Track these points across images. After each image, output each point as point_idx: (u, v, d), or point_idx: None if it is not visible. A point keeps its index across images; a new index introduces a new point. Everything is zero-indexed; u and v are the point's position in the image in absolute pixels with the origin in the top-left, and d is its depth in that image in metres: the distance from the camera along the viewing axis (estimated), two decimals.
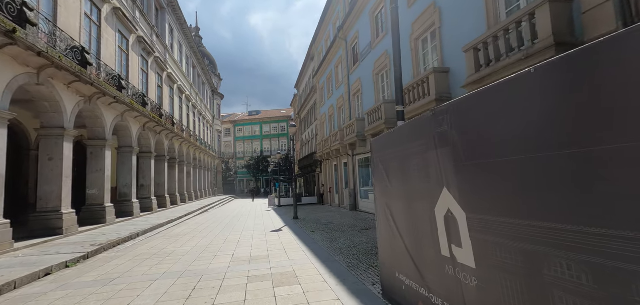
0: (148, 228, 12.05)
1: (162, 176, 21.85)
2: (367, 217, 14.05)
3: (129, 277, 5.81)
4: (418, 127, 2.92)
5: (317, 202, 27.13)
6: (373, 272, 5.40)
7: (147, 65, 19.14)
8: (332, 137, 20.36)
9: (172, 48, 25.23)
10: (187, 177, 29.88)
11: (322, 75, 24.91)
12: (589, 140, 1.42)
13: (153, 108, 18.87)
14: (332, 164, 22.99)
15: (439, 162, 2.50)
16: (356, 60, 17.28)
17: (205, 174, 38.61)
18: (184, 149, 27.65)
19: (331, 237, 9.33)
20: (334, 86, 21.69)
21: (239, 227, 12.57)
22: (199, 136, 35.08)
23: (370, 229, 10.30)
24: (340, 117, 20.69)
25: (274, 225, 12.95)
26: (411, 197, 3.12)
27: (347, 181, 19.46)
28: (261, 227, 12.30)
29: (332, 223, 12.55)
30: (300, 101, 37.86)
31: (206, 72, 40.29)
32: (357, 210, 17.22)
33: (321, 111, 25.95)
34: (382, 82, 13.99)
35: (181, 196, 26.64)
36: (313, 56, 28.92)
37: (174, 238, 10.38)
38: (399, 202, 3.43)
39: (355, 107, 17.40)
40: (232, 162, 63.01)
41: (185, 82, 28.99)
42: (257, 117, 67.15)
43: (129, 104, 14.61)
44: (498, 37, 6.39)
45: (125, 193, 16.01)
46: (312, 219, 14.37)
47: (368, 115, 13.71)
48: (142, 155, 19.10)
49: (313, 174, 30.27)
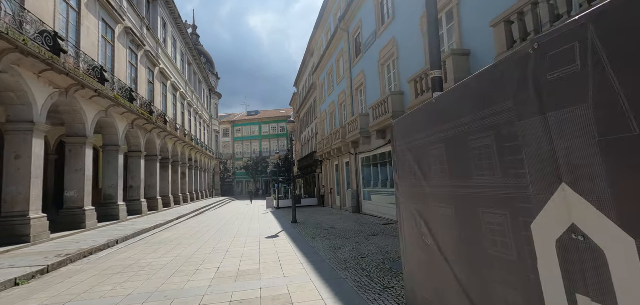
0: (131, 234, 10.88)
1: (153, 177, 20.68)
2: (371, 221, 12.88)
3: (82, 301, 4.64)
4: (495, 82, 1.73)
5: (317, 204, 25.95)
6: (390, 296, 4.23)
7: (136, 59, 17.98)
8: (333, 135, 19.21)
9: (165, 43, 24.09)
10: (181, 178, 28.71)
11: (322, 70, 23.76)
12: None
13: (143, 104, 17.72)
14: (333, 164, 21.83)
15: (552, 136, 1.34)
16: (359, 52, 16.14)
17: (201, 175, 37.43)
18: (178, 149, 26.49)
19: (334, 245, 8.17)
20: (335, 81, 20.54)
21: (231, 232, 11.40)
22: (195, 136, 33.92)
23: (377, 236, 9.14)
24: (342, 114, 19.53)
25: (270, 230, 11.78)
26: (470, 201, 1.96)
27: (349, 182, 18.31)
28: (256, 232, 11.13)
29: (334, 228, 11.39)
30: (300, 99, 36.71)
31: (203, 70, 39.15)
32: (361, 213, 16.06)
33: (321, 109, 24.79)
34: (388, 74, 12.85)
35: (175, 198, 25.47)
36: (313, 52, 27.78)
37: (156, 246, 9.21)
38: (443, 208, 2.28)
39: (358, 103, 16.26)
40: (231, 163, 61.82)
41: (179, 79, 27.83)
42: (256, 117, 66.00)
43: (114, 98, 13.45)
44: (538, 1, 5.23)
45: (111, 195, 14.84)
46: (312, 223, 13.20)
47: (373, 110, 12.56)
48: (131, 154, 17.94)
49: (313, 174, 29.10)
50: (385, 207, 13.17)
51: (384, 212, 13.27)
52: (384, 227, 10.87)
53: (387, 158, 12.90)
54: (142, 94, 18.45)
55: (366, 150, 14.90)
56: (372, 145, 14.24)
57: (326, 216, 15.92)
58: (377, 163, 14.26)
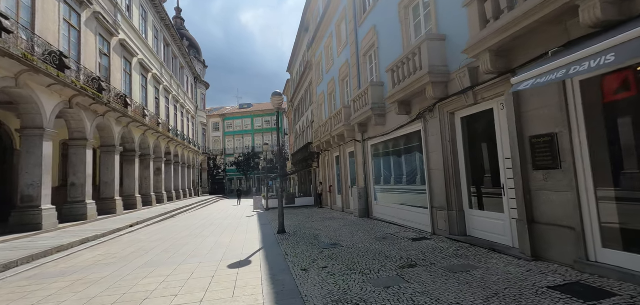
0: (24, 256, 6.95)
1: (109, 172, 16.68)
2: (390, 231, 9.01)
3: None
4: None
5: (314, 204, 22.09)
6: None
7: (78, 20, 13.94)
8: (334, 118, 15.31)
9: (130, 12, 19.99)
10: (155, 175, 24.69)
11: (319, 43, 19.80)
12: None
13: (89, 79, 13.73)
14: (333, 156, 17.95)
15: None
16: (366, 7, 12.24)
17: (184, 171, 33.39)
18: (150, 140, 22.46)
19: (343, 289, 4.32)
20: (334, 52, 16.62)
21: (184, 253, 7.50)
22: (176, 127, 29.87)
23: (417, 267, 5.27)
24: (344, 92, 15.63)
25: (243, 248, 7.89)
26: None
27: (354, 177, 14.45)
28: (220, 254, 7.24)
29: (339, 244, 7.52)
30: (294, 85, 32.73)
31: (185, 54, 35.00)
32: (370, 217, 12.21)
33: (318, 91, 20.86)
34: (415, 18, 8.93)
35: (145, 198, 21.47)
36: (308, 25, 23.81)
37: (36, 285, 5.29)
38: None
39: (366, 73, 12.37)
40: (221, 159, 57.73)
41: (152, 59, 23.75)
42: (248, 110, 61.93)
43: (23, 57, 9.45)
44: None
45: (31, 196, 10.85)
46: (306, 234, 9.33)
47: (392, 73, 8.68)
48: (74, 143, 13.95)
49: (309, 169, 25.20)
50: (410, 211, 9.32)
51: (407, 218, 9.42)
52: (415, 244, 7.02)
53: (414, 141, 9.04)
54: (89, 67, 14.43)
55: (379, 134, 11.03)
56: (388, 125, 10.38)
57: (325, 221, 12.06)
58: (396, 150, 10.40)
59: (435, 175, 7.81)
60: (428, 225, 8.16)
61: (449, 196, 7.22)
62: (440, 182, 7.53)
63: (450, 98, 6.97)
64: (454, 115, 7.25)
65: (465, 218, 7.02)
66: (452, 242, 6.85)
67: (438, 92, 7.11)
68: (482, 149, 6.82)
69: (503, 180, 5.88)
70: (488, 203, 6.51)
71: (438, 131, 7.50)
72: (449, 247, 6.39)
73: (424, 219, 8.42)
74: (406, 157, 9.80)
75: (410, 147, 9.34)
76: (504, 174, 5.85)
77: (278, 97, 10.21)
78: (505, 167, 5.83)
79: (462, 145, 7.11)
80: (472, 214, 6.89)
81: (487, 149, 6.59)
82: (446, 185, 7.26)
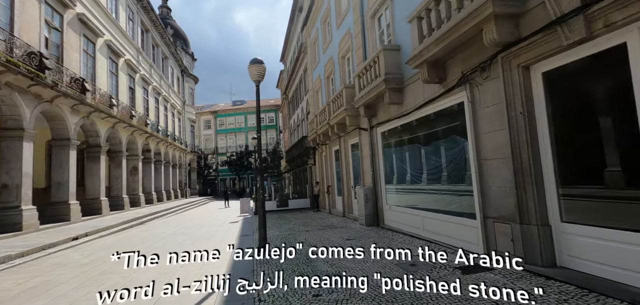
0: None
1: (63, 170, 13.80)
2: (417, 252, 6.24)
3: None
4: None
5: (309, 206, 19.29)
6: None
7: None
8: (332, 103, 12.54)
9: None
10: (131, 175, 21.81)
11: (315, 18, 17.03)
12: None
13: (28, 54, 10.92)
14: (332, 150, 15.20)
15: None
16: None
17: (168, 170, 30.46)
18: (123, 135, 19.59)
19: None
20: (333, 26, 13.88)
21: (113, 284, 4.71)
22: (158, 122, 26.97)
23: None
24: (345, 70, 12.89)
25: (201, 285, 5.09)
26: None
27: (357, 175, 11.72)
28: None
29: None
30: (287, 75, 29.92)
31: (169, 43, 32.06)
32: (381, 226, 9.47)
33: (314, 75, 18.10)
34: None
35: (115, 201, 18.59)
36: (302, 4, 21.02)
37: None
38: None
39: (375, 39, 9.64)
40: (213, 158, 54.78)
41: (125, 42, 20.84)
42: (241, 107, 58.98)
43: None
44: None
45: None
46: (297, 254, 6.52)
47: (417, 21, 5.93)
48: (5, 134, 11.12)
49: (304, 167, 22.42)
50: (444, 222, 6.59)
51: (438, 231, 6.69)
52: (470, 278, 4.27)
53: (450, 119, 6.31)
54: (28, 39, 11.59)
55: (394, 116, 8.28)
56: (407, 103, 7.64)
57: (323, 231, 9.32)
58: (420, 135, 7.67)
59: (491, 169, 5.09)
60: (477, 243, 5.45)
61: (522, 201, 4.49)
62: (501, 178, 4.82)
63: (529, 39, 4.23)
64: (530, 70, 4.52)
65: (553, 237, 4.29)
66: (536, 277, 4.12)
67: (504, 33, 4.38)
68: (589, 121, 4.09)
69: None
70: (608, 213, 3.79)
71: (500, 98, 4.78)
72: (542, 287, 3.60)
73: (468, 234, 5.69)
74: (435, 145, 7.05)
75: (444, 130, 6.61)
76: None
77: (258, 65, 7.44)
78: None
79: (546, 118, 4.37)
80: (567, 231, 4.16)
81: (604, 120, 3.88)
82: (516, 184, 4.53)
